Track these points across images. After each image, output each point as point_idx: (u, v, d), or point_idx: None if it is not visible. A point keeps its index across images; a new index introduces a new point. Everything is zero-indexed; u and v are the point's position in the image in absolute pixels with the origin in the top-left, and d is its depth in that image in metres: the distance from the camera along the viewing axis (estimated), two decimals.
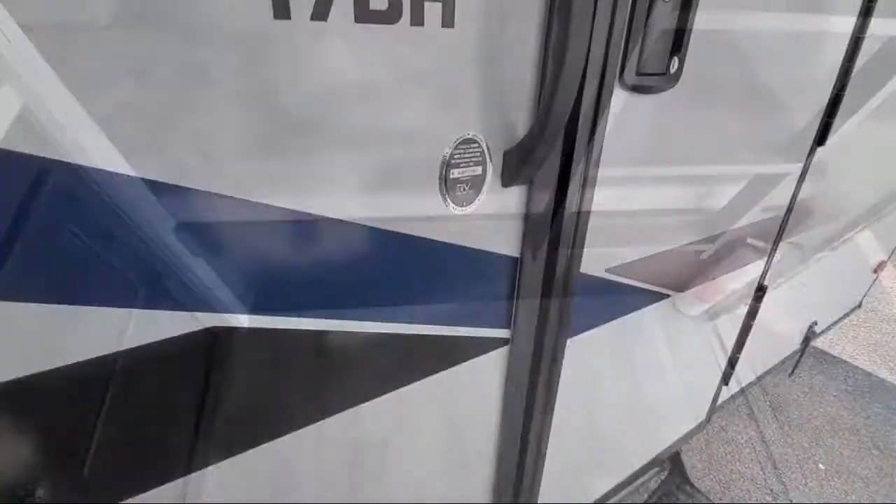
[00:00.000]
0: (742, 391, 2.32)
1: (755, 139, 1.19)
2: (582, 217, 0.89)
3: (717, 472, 2.40)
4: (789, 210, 1.58)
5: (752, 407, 2.85)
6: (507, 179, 0.78)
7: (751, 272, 1.61)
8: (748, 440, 2.66)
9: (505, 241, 0.86)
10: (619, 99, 0.83)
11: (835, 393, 2.97)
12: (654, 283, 1.18)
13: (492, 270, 0.87)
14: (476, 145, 0.73)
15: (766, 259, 1.66)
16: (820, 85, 1.22)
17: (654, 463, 1.74)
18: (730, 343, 1.82)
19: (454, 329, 0.89)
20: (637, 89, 0.83)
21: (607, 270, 1.02)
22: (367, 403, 0.83)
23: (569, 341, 1.05)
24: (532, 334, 1.00)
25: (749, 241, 1.48)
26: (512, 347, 0.98)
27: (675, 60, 0.85)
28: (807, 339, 2.66)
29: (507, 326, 0.96)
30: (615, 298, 1.10)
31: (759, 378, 2.40)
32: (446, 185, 0.73)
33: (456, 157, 0.72)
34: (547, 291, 0.95)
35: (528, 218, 0.85)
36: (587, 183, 0.86)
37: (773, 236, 1.61)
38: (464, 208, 0.77)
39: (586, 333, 1.09)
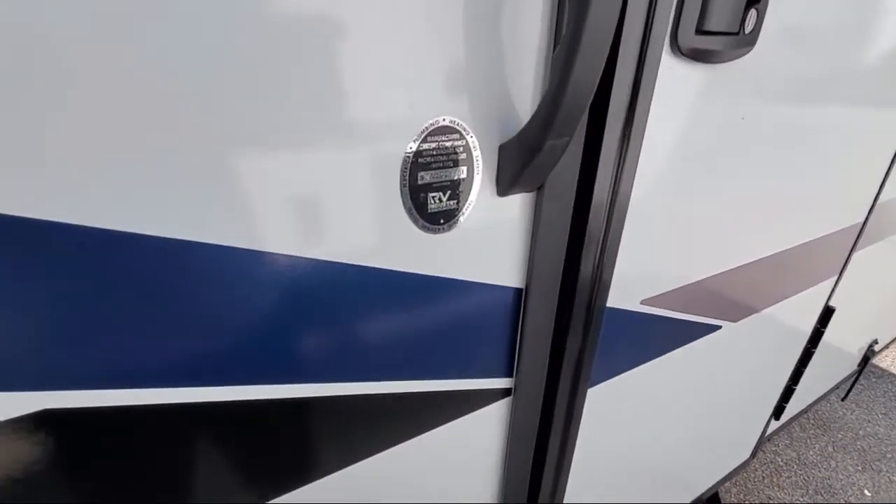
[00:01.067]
0: (790, 421, 2.03)
1: (858, 124, 0.91)
2: (611, 234, 0.65)
3: (753, 499, 2.12)
4: (868, 216, 1.29)
5: (794, 426, 2.55)
6: (506, 185, 0.55)
7: (817, 292, 1.32)
8: (788, 462, 2.37)
9: (504, 268, 0.63)
10: (670, 69, 0.58)
11: (883, 410, 2.64)
12: (704, 314, 0.93)
13: (485, 306, 0.64)
14: (457, 136, 0.50)
15: (836, 277, 1.37)
16: None
17: None
18: (785, 373, 1.54)
19: (437, 384, 0.66)
20: (696, 56, 0.58)
21: (644, 302, 0.77)
22: (338, 472, 0.62)
23: (590, 391, 0.81)
24: (540, 385, 0.76)
25: (819, 255, 1.20)
26: (515, 400, 0.75)
27: (753, 14, 0.59)
28: (865, 360, 2.34)
29: (509, 375, 0.73)
30: (653, 336, 0.85)
31: (811, 406, 2.11)
32: (412, 194, 0.50)
33: (426, 153, 0.49)
34: (561, 331, 0.71)
35: (535, 236, 0.61)
36: (619, 188, 0.61)
37: (845, 249, 1.32)
38: (439, 227, 0.54)
39: (613, 380, 0.84)
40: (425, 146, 0.49)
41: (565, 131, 0.48)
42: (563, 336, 0.71)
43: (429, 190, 0.51)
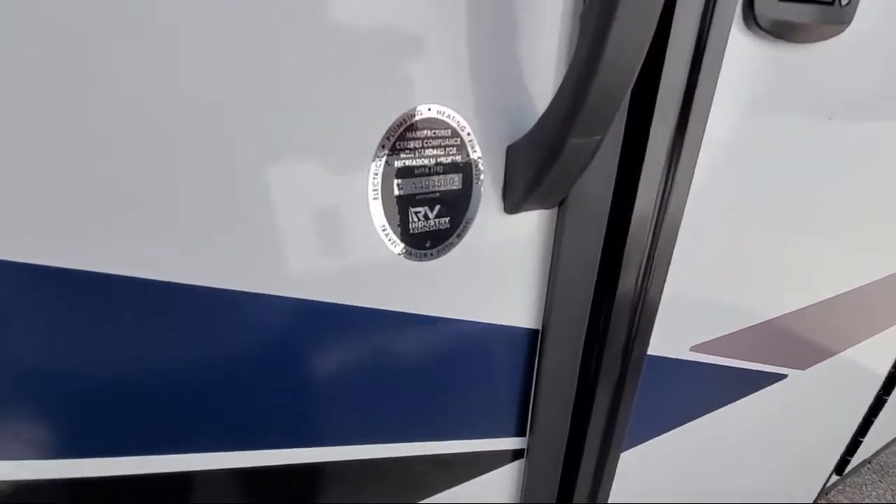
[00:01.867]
0: (850, 473, 1.78)
1: None
2: (656, 263, 0.50)
3: None
4: None
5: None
6: (516, 198, 0.41)
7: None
8: None
9: (514, 305, 0.49)
10: (741, 48, 0.44)
11: None
12: (769, 361, 0.76)
13: (490, 351, 0.50)
14: (448, 132, 0.37)
15: None
16: None
17: None
18: (851, 423, 1.32)
19: (434, 445, 0.53)
20: (777, 31, 0.44)
21: (695, 349, 0.62)
22: None
23: (623, 454, 0.66)
24: (559, 446, 0.61)
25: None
26: (528, 463, 0.61)
27: None
28: None
29: (521, 434, 0.59)
30: (705, 389, 0.69)
31: (874, 456, 1.85)
32: (385, 208, 0.37)
33: (404, 155, 0.36)
34: (588, 383, 0.56)
35: (556, 265, 0.47)
36: (668, 204, 0.47)
37: None
38: (425, 252, 0.41)
39: (652, 441, 0.68)
40: (404, 145, 0.36)
41: (596, 126, 0.34)
42: (589, 389, 0.56)
43: (410, 203, 0.38)
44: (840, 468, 1.44)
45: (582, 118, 0.32)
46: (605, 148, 0.40)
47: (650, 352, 0.56)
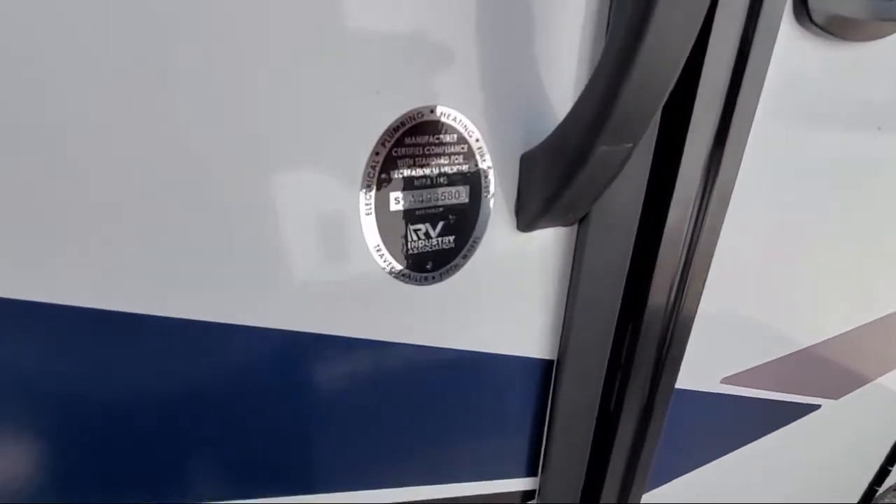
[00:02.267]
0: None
1: None
2: (690, 288, 0.44)
3: None
4: None
5: None
6: (531, 214, 0.36)
7: None
8: None
9: (526, 333, 0.43)
10: (792, 47, 0.38)
11: None
12: (801, 391, 0.69)
13: (498, 384, 0.45)
14: (453, 138, 0.32)
15: None
16: None
17: None
18: (880, 452, 1.24)
19: (438, 489, 0.47)
20: (833, 27, 0.38)
21: (726, 381, 0.56)
22: None
23: (646, 495, 0.59)
24: (574, 487, 0.55)
25: None
26: None
27: None
28: None
29: (533, 473, 0.53)
30: (735, 423, 0.63)
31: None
32: (380, 224, 0.32)
33: (402, 162, 0.31)
34: (608, 419, 0.50)
35: (575, 290, 0.41)
36: (705, 220, 0.41)
37: None
38: (426, 275, 0.35)
39: (679, 479, 0.62)
40: (403, 152, 0.31)
41: (629, 132, 0.29)
42: (610, 425, 0.50)
43: (409, 219, 0.33)
44: (867, 498, 1.36)
45: (613, 122, 0.27)
46: (634, 157, 0.35)
47: (679, 385, 0.50)
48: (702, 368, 0.53)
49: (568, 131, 0.30)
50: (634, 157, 0.32)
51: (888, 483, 1.45)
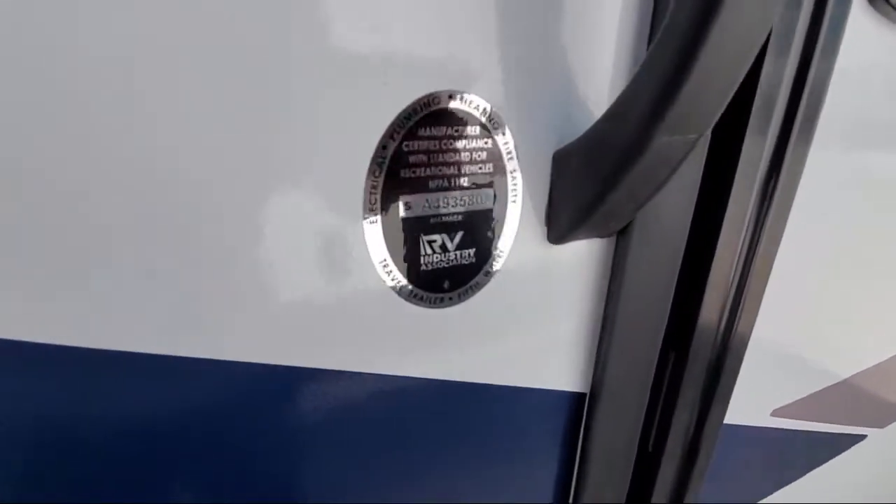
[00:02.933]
0: None
1: None
2: (745, 308, 0.38)
3: None
4: None
5: None
6: (566, 224, 0.31)
7: None
8: None
9: (555, 363, 0.37)
10: (862, 27, 0.33)
11: None
12: (847, 421, 0.63)
13: (522, 423, 0.39)
14: (475, 130, 0.27)
15: None
16: None
17: None
18: None
19: None
20: None
21: (776, 413, 0.49)
22: None
23: None
24: None
25: None
26: None
27: None
28: None
29: None
30: (783, 459, 0.56)
31: None
32: (387, 233, 0.26)
33: (415, 159, 0.26)
34: (648, 459, 0.44)
35: (612, 313, 0.35)
36: (764, 228, 0.36)
37: None
38: (442, 296, 0.29)
39: None
40: (415, 146, 0.25)
41: (698, 118, 0.23)
42: (650, 465, 0.44)
43: (423, 228, 0.27)
44: None
45: (680, 106, 0.22)
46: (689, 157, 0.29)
47: (727, 420, 0.44)
48: (752, 399, 0.46)
49: (618, 119, 0.25)
50: (691, 160, 0.27)
51: None
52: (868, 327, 0.56)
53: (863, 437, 0.69)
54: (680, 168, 0.27)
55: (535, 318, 0.34)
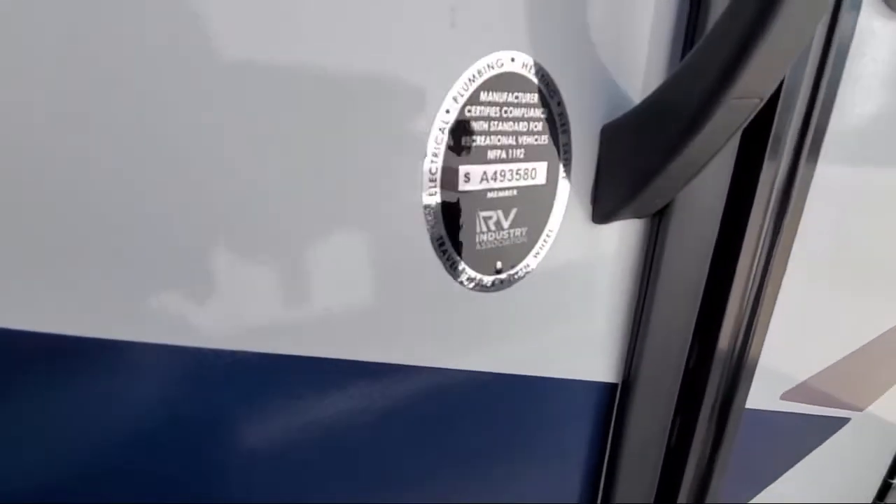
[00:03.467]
0: None
1: None
2: (767, 289, 0.39)
3: None
4: None
5: None
6: (611, 202, 0.30)
7: None
8: None
9: (591, 353, 0.36)
10: (872, 24, 0.35)
11: None
12: (836, 404, 0.65)
13: (555, 413, 0.37)
14: (533, 98, 0.25)
15: None
16: None
17: None
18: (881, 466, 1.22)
19: None
20: None
21: (785, 397, 0.50)
22: None
23: None
24: None
25: None
26: None
27: None
28: None
29: None
30: (788, 443, 0.57)
31: None
32: (446, 211, 0.24)
33: (477, 127, 0.24)
34: (679, 448, 0.43)
35: (650, 298, 0.35)
36: (788, 209, 0.36)
37: None
38: (494, 278, 0.28)
39: None
40: (476, 111, 0.24)
41: (767, 79, 0.23)
42: (680, 455, 0.43)
43: (480, 204, 0.25)
44: (883, 491, 1.33)
45: (750, 70, 0.21)
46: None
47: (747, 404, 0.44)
48: (766, 384, 0.47)
49: (684, 85, 0.24)
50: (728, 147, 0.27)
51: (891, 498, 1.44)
52: (872, 300, 0.58)
53: (847, 420, 0.72)
54: (714, 160, 0.27)
55: (575, 305, 0.33)
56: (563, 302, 0.32)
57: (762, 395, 0.48)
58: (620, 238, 0.33)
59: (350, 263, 0.23)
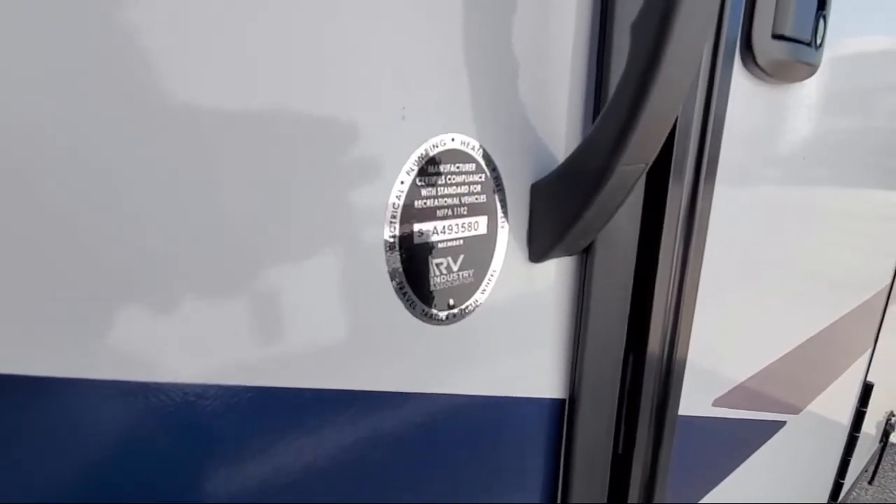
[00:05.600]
0: None
1: None
2: (683, 308, 0.46)
3: None
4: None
5: None
6: (546, 243, 0.36)
7: (856, 369, 1.16)
8: None
9: (540, 372, 0.42)
10: (742, 86, 0.44)
11: None
12: (772, 408, 0.72)
13: (510, 432, 0.42)
14: (471, 167, 0.32)
15: (870, 348, 1.22)
16: None
17: None
18: (831, 467, 1.31)
19: None
20: (771, 69, 0.44)
21: (717, 403, 0.57)
22: None
23: None
24: None
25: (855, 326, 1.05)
26: None
27: (821, 24, 0.47)
28: (885, 435, 2.14)
29: None
30: (724, 448, 0.63)
31: (846, 497, 1.85)
32: (405, 258, 0.30)
33: (426, 192, 0.30)
34: (623, 457, 0.48)
35: (585, 320, 0.41)
36: (691, 241, 0.44)
37: (877, 316, 1.19)
38: (448, 312, 0.33)
39: None
40: (424, 180, 0.30)
41: (647, 148, 0.30)
42: (626, 460, 0.49)
43: (433, 252, 0.31)
44: (835, 491, 1.41)
45: (636, 138, 0.28)
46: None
47: (679, 411, 0.51)
48: (695, 391, 0.54)
49: (588, 153, 0.31)
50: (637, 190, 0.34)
51: (851, 476, 1.51)
52: (783, 313, 0.66)
53: (783, 423, 0.79)
54: (627, 199, 0.34)
55: (522, 331, 0.39)
56: (511, 330, 0.38)
57: (695, 402, 0.54)
58: (556, 273, 0.40)
59: (319, 310, 0.28)
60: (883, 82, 0.67)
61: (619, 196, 0.32)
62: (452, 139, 0.30)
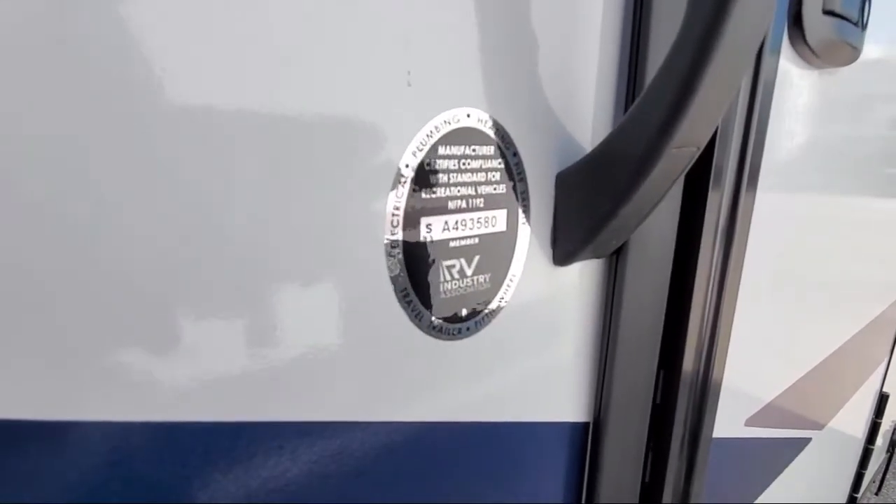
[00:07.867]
0: None
1: None
2: (722, 321, 0.40)
3: None
4: None
5: None
6: (571, 244, 0.31)
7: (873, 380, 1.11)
8: None
9: (562, 393, 0.36)
10: (788, 69, 0.39)
11: None
12: (798, 425, 0.67)
13: (526, 458, 0.36)
14: (489, 150, 0.26)
15: (886, 360, 1.17)
16: None
17: None
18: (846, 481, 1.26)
19: None
20: (822, 52, 0.39)
21: (749, 422, 0.51)
22: None
23: None
24: None
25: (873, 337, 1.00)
26: None
27: (867, 2, 0.42)
28: (892, 445, 2.10)
29: None
30: (755, 468, 0.58)
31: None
32: (408, 261, 0.24)
33: (436, 179, 0.24)
34: (653, 484, 0.43)
35: (613, 335, 0.35)
36: (732, 249, 0.39)
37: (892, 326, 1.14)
38: (460, 325, 0.28)
39: None
40: (436, 165, 0.24)
41: (701, 130, 0.25)
42: (655, 489, 0.43)
43: (442, 253, 0.26)
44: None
45: (692, 114, 0.23)
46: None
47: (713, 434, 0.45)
48: (729, 412, 0.48)
49: (629, 135, 0.26)
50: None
51: (864, 488, 1.46)
52: (816, 326, 0.61)
53: (809, 440, 0.74)
54: (663, 200, 0.29)
55: (542, 347, 0.33)
56: (530, 345, 0.33)
57: (728, 423, 0.49)
58: (581, 278, 0.34)
59: (312, 317, 0.22)
60: None
61: (664, 187, 0.27)
62: (468, 115, 0.25)
